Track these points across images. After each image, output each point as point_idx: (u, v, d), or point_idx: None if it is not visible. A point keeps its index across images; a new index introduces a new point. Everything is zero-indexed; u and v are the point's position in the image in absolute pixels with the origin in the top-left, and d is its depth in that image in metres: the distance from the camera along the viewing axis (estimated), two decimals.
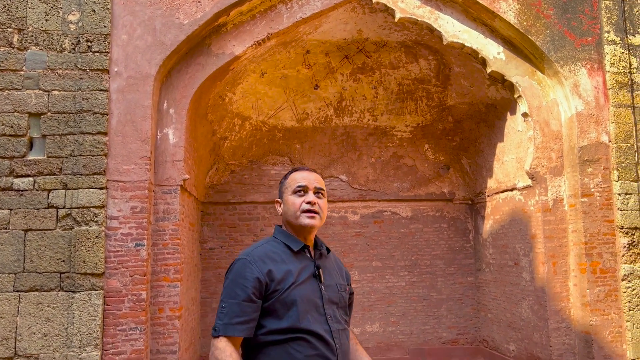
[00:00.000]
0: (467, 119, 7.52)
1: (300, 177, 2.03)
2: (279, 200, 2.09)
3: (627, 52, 5.89)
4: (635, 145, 5.78)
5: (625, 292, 5.57)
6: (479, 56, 6.04)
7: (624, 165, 5.72)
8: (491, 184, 7.41)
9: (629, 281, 5.57)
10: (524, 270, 6.41)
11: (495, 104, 6.82)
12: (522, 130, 6.38)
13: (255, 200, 7.78)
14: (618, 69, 5.85)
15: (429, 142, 8.11)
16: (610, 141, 5.80)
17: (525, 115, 6.13)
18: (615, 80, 5.84)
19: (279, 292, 1.84)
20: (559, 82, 5.95)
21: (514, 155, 6.65)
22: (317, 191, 2.02)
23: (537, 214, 6.05)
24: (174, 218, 5.51)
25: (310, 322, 1.86)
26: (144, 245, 5.21)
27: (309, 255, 2.01)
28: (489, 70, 6.09)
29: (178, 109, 5.65)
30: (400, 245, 8.11)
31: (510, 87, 6.18)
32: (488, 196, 7.52)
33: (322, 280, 1.96)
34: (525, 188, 6.34)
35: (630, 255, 5.61)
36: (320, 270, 1.97)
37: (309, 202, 1.98)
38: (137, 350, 5.05)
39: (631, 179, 5.71)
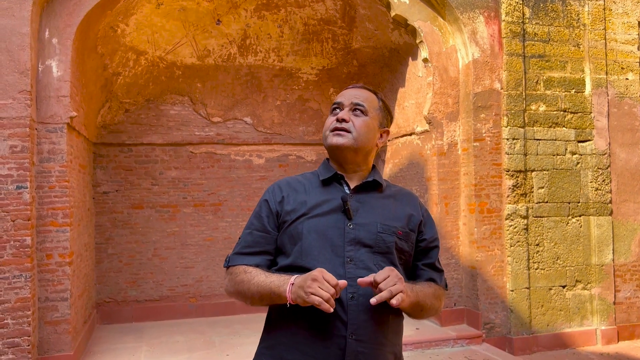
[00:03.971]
0: (371, 63, 7.56)
1: (341, 94, 1.77)
2: None
3: (521, 2, 6.13)
4: (523, 93, 6.12)
5: (508, 230, 6.04)
6: None
7: (513, 111, 6.06)
8: (392, 128, 7.60)
9: (512, 220, 6.03)
10: None
11: (398, 49, 6.89)
12: (423, 76, 6.52)
13: (153, 142, 7.41)
14: (512, 18, 6.09)
15: (334, 85, 8.09)
16: (502, 88, 6.09)
17: (425, 60, 6.25)
18: (509, 30, 6.08)
19: (287, 224, 1.65)
20: (459, 29, 6.10)
21: (414, 100, 6.81)
22: (355, 107, 1.71)
23: (433, 158, 6.31)
24: (60, 159, 5.11)
25: (318, 261, 1.57)
26: (27, 188, 4.81)
27: (346, 187, 1.72)
28: (392, 13, 6.10)
29: (62, 38, 5.14)
30: None
31: (413, 32, 6.25)
32: (389, 140, 7.71)
33: (351, 217, 1.64)
34: (423, 133, 6.56)
35: (514, 196, 6.05)
36: (348, 203, 1.64)
37: (337, 119, 1.70)
38: (22, 298, 4.74)
39: (518, 125, 6.08)
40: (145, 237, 7.38)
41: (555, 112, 6.20)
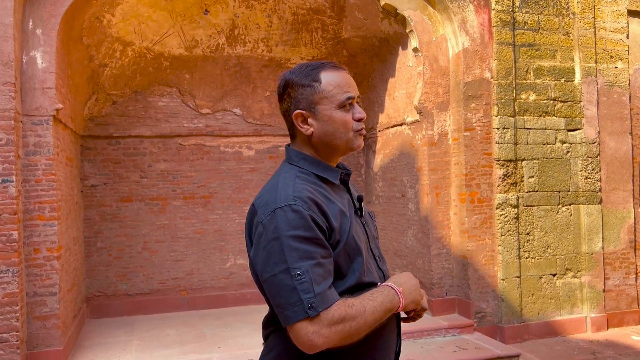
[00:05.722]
0: (361, 53, 7.51)
1: (345, 82, 1.51)
2: (304, 112, 1.51)
3: None
4: (513, 82, 6.11)
5: (498, 219, 6.05)
6: None
7: (503, 101, 6.05)
8: (382, 119, 7.57)
9: (502, 209, 6.04)
10: (410, 202, 6.72)
11: (388, 39, 6.85)
12: (413, 66, 6.49)
13: (142, 134, 7.33)
14: (502, 7, 6.06)
15: None
16: (492, 78, 6.08)
17: (415, 50, 6.22)
18: (499, 19, 6.06)
19: (341, 243, 1.41)
20: (449, 18, 6.06)
21: (404, 90, 6.79)
22: (358, 101, 1.57)
23: (424, 148, 6.29)
24: (47, 152, 5.03)
25: (371, 271, 1.49)
26: (13, 182, 4.74)
27: (339, 183, 1.59)
28: (382, 2, 6.05)
29: (46, 29, 5.04)
30: None
31: (403, 21, 6.21)
32: (379, 131, 7.69)
33: (362, 214, 1.57)
34: (413, 123, 6.53)
35: (505, 186, 6.05)
36: (362, 203, 1.58)
37: (360, 119, 1.53)
38: (10, 293, 4.68)
39: (509, 114, 6.08)
40: (135, 230, 7.32)
41: (545, 101, 6.20)
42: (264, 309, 1.56)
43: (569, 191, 6.28)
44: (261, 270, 1.37)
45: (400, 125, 6.93)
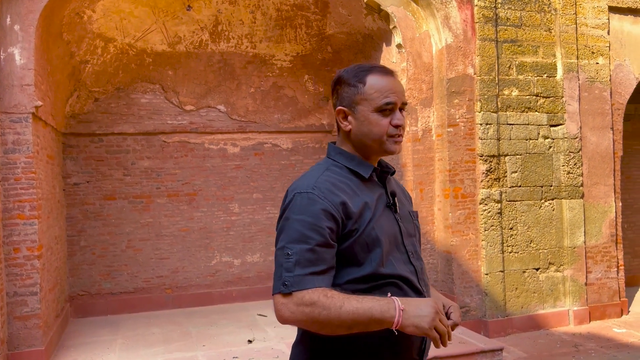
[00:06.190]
0: (345, 49, 7.50)
1: (387, 88, 1.57)
2: (346, 109, 1.60)
3: None
4: (496, 78, 6.14)
5: (482, 214, 6.09)
6: None
7: (486, 97, 6.09)
8: None
9: (486, 204, 6.08)
10: None
11: (372, 35, 6.85)
12: (397, 62, 6.50)
13: (125, 132, 7.26)
14: (485, 3, 6.09)
15: (308, 72, 8.02)
16: (475, 74, 6.10)
17: (399, 46, 6.23)
18: (482, 15, 6.09)
19: (358, 232, 1.48)
20: (432, 14, 6.08)
21: None
22: (402, 107, 1.61)
23: (408, 144, 6.31)
24: (26, 150, 4.96)
25: (394, 264, 1.54)
26: None
27: (376, 179, 1.64)
28: None
29: (24, 25, 4.96)
30: (280, 177, 8.12)
31: (386, 17, 6.21)
32: None
33: (397, 210, 1.62)
34: None
35: (488, 181, 6.09)
36: (396, 198, 1.64)
37: (397, 126, 1.57)
38: None
39: (491, 110, 6.11)
40: (119, 228, 7.25)
41: (527, 97, 6.25)
42: (250, 307, 1.57)
43: (551, 186, 6.34)
44: (275, 244, 1.54)
45: None
